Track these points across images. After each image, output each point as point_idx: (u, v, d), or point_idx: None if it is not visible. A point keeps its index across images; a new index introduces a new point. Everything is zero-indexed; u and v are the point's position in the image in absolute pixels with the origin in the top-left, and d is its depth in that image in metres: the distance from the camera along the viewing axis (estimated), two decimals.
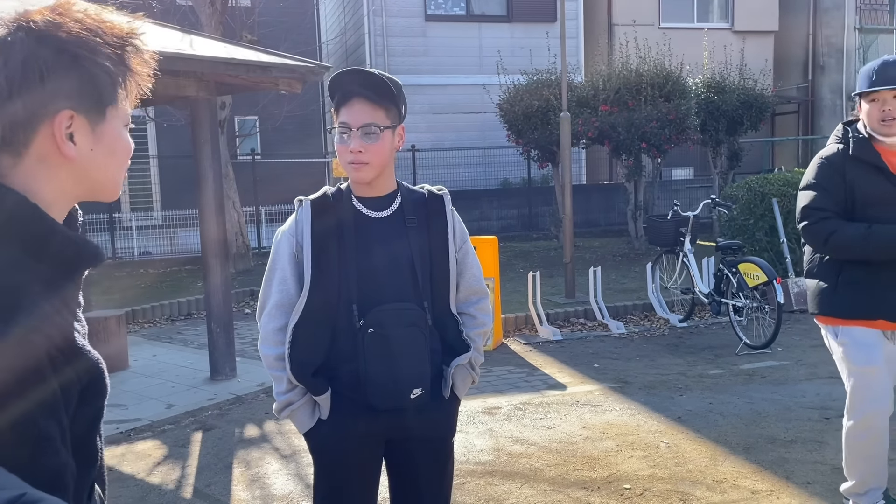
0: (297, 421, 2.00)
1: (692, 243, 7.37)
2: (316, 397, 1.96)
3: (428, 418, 2.00)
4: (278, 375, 1.97)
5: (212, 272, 5.67)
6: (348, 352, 1.92)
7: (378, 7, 15.00)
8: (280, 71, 5.35)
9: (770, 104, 13.66)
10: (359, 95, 1.91)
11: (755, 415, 4.67)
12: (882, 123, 2.71)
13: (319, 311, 1.92)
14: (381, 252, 1.96)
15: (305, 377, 1.94)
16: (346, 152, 1.93)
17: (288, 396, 1.97)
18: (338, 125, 1.93)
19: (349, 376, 1.93)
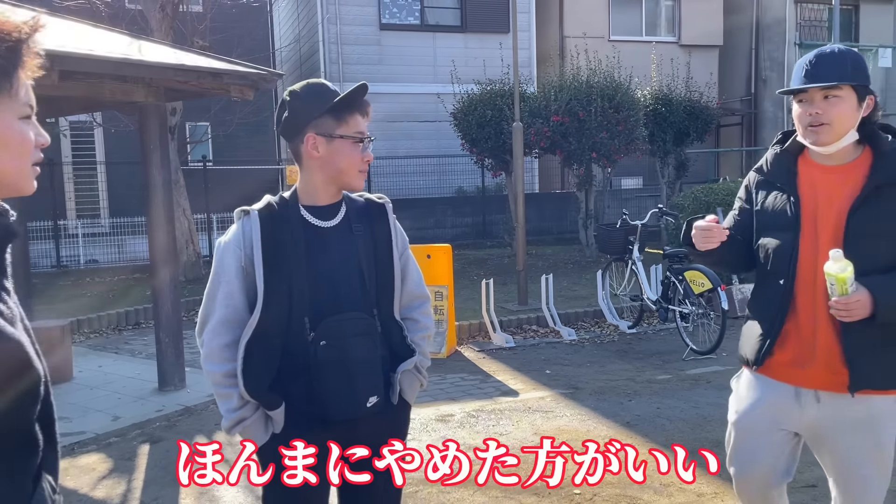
0: (249, 437, 1.96)
1: (640, 251, 7.54)
2: (270, 412, 1.93)
3: (380, 426, 2.01)
4: (227, 392, 1.92)
5: (160, 280, 5.57)
6: (300, 365, 1.91)
7: (333, 15, 14.97)
8: (232, 78, 5.31)
9: (715, 116, 14.09)
10: (365, 107, 1.98)
11: (701, 419, 4.79)
12: (810, 129, 2.10)
13: (271, 325, 1.89)
14: (331, 262, 1.96)
15: (260, 393, 1.91)
16: (361, 161, 1.96)
17: (240, 413, 1.92)
18: (355, 133, 1.95)
19: (302, 389, 1.91)
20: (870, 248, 2.06)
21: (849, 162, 2.15)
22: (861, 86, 2.09)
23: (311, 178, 1.99)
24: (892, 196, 2.08)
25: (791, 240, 2.15)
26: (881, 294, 2.02)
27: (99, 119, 12.18)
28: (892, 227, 2.07)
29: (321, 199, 1.99)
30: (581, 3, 16.73)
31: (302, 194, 2.00)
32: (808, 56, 2.13)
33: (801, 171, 2.21)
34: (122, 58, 4.66)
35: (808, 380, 2.17)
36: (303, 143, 1.95)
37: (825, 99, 2.08)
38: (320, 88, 1.97)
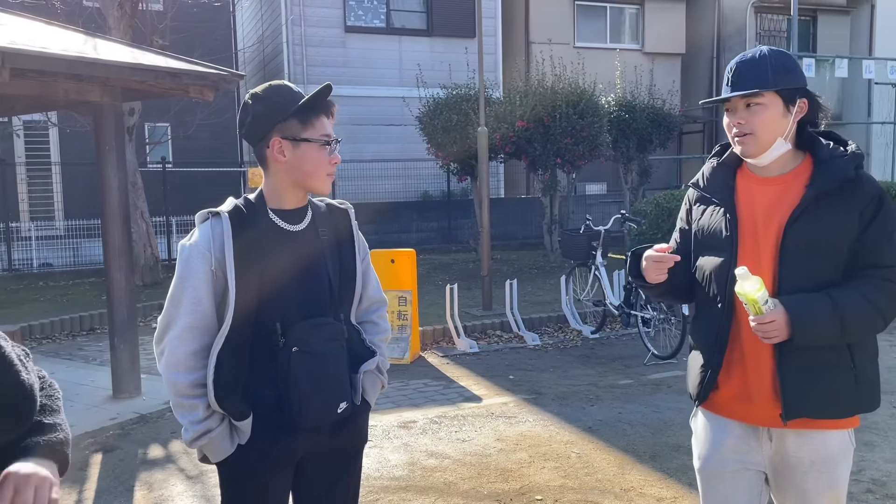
0: (213, 449, 1.88)
1: (604, 256, 7.58)
2: (237, 422, 1.86)
3: (344, 430, 1.98)
4: (192, 403, 1.84)
5: (115, 285, 5.43)
6: (269, 371, 1.86)
7: (297, 17, 14.84)
8: (191, 78, 5.20)
9: (677, 123, 14.30)
10: (330, 109, 1.94)
11: (661, 423, 4.82)
12: (736, 140, 1.95)
13: (243, 332, 1.83)
14: (300, 266, 1.92)
15: (232, 403, 1.84)
16: (328, 164, 1.92)
17: (206, 424, 1.85)
18: (321, 136, 1.90)
19: (270, 396, 1.86)
20: (808, 263, 1.88)
21: (788, 172, 1.96)
22: (788, 90, 1.90)
23: (278, 182, 1.94)
24: (832, 206, 1.88)
25: (728, 260, 1.94)
26: (797, 314, 1.82)
27: (54, 119, 11.87)
28: (832, 241, 1.87)
29: (288, 203, 1.95)
30: (546, 10, 16.85)
31: (268, 198, 1.95)
32: (731, 63, 1.97)
33: (739, 184, 2.02)
34: (76, 56, 4.53)
35: (756, 415, 1.96)
36: (268, 147, 1.89)
37: (747, 108, 1.92)
38: (284, 91, 1.92)
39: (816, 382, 1.89)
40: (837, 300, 1.84)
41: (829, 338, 1.85)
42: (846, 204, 1.87)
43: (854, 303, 1.84)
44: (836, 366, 1.90)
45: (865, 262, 1.88)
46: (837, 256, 1.88)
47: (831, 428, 1.95)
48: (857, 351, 1.93)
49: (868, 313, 1.85)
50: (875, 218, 1.87)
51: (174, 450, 4.53)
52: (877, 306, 1.86)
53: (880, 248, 1.87)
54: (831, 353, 1.90)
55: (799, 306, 1.83)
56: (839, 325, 1.83)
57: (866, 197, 1.88)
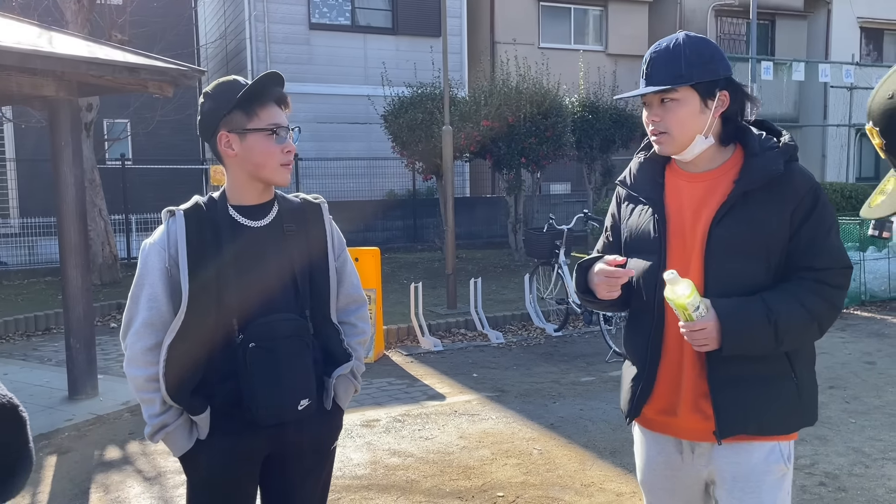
0: (172, 443, 1.90)
1: (567, 255, 7.65)
2: (194, 417, 1.86)
3: (311, 430, 1.97)
4: (150, 398, 1.86)
5: (71, 284, 5.31)
6: (227, 368, 1.85)
7: (260, 13, 14.68)
8: (149, 73, 5.11)
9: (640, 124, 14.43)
10: (278, 98, 1.90)
11: (622, 419, 4.84)
12: (653, 139, 1.82)
13: (197, 328, 1.83)
14: (261, 262, 1.91)
15: (184, 397, 1.84)
16: (279, 153, 1.89)
17: (162, 418, 1.86)
18: (267, 125, 1.87)
19: (229, 393, 1.86)
20: (735, 265, 1.72)
21: (717, 167, 1.80)
22: (705, 83, 1.73)
23: (235, 177, 1.93)
24: (761, 204, 1.72)
25: (657, 263, 1.78)
26: (728, 321, 1.67)
27: (9, 114, 11.56)
28: (760, 241, 1.71)
29: (249, 199, 1.93)
30: (511, 10, 16.94)
31: (230, 194, 1.94)
32: (648, 51, 1.80)
33: (668, 181, 1.86)
34: (30, 49, 4.42)
35: (680, 429, 1.83)
36: (218, 142, 1.89)
37: (662, 104, 1.76)
38: (230, 85, 1.90)
39: (754, 396, 1.73)
40: (771, 305, 1.69)
41: (762, 347, 1.70)
42: (777, 200, 1.72)
43: (789, 309, 1.69)
44: (776, 377, 1.76)
45: (800, 264, 1.73)
46: (768, 257, 1.73)
47: (757, 440, 1.77)
48: (798, 360, 1.78)
49: (803, 320, 1.70)
50: (809, 216, 1.72)
51: (131, 451, 4.45)
52: (812, 312, 1.70)
53: (815, 248, 1.72)
54: (770, 363, 1.75)
55: (730, 312, 1.68)
56: (773, 333, 1.68)
57: (798, 193, 1.72)
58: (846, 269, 1.76)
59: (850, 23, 20.11)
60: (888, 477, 3.86)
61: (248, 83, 1.90)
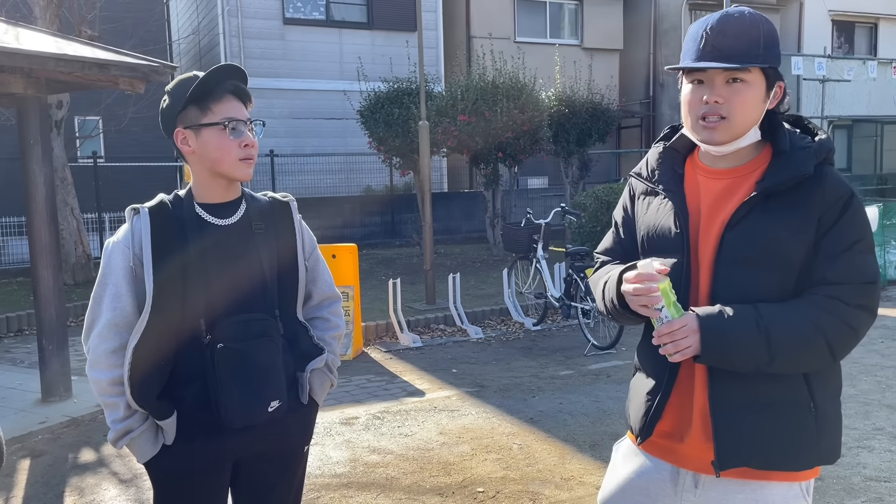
0: (137, 449, 1.84)
1: (545, 249, 7.67)
2: (160, 422, 1.81)
3: (283, 430, 1.93)
4: (113, 402, 1.80)
5: (43, 284, 5.22)
6: (195, 369, 1.80)
7: (234, 7, 14.51)
8: (120, 69, 5.02)
9: (616, 118, 14.55)
10: (235, 91, 1.85)
11: (601, 413, 4.91)
12: (702, 124, 1.55)
13: (163, 329, 1.78)
14: (229, 261, 1.86)
15: (149, 401, 1.79)
16: (236, 147, 1.83)
17: (126, 424, 1.81)
18: (221, 119, 1.81)
19: (197, 396, 1.81)
20: (748, 277, 1.52)
21: (744, 163, 1.59)
22: (773, 69, 1.54)
23: (197, 174, 1.89)
24: (784, 209, 1.51)
25: (681, 262, 1.59)
26: (707, 321, 1.48)
27: None
28: (780, 250, 1.50)
29: (214, 196, 1.89)
30: (487, 5, 16.92)
31: (195, 192, 1.90)
32: (709, 20, 1.53)
33: (687, 174, 1.67)
34: None
35: (685, 457, 1.63)
36: (175, 139, 1.85)
37: (728, 84, 1.52)
38: (187, 80, 1.85)
39: (763, 423, 1.53)
40: (765, 315, 1.48)
41: (750, 358, 1.48)
42: (803, 206, 1.50)
43: (787, 319, 1.47)
44: (791, 403, 1.53)
45: (814, 277, 1.51)
46: (787, 270, 1.51)
47: (774, 479, 1.56)
48: (818, 387, 1.55)
49: (805, 334, 1.47)
50: (835, 225, 1.49)
51: (106, 453, 4.39)
52: (819, 327, 1.47)
53: (835, 260, 1.49)
54: (783, 388, 1.53)
55: (712, 312, 1.50)
56: (764, 344, 1.46)
57: (828, 199, 1.50)
58: (867, 284, 1.50)
59: (822, 16, 20.35)
60: (863, 465, 3.92)
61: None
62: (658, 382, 1.65)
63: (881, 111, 18.95)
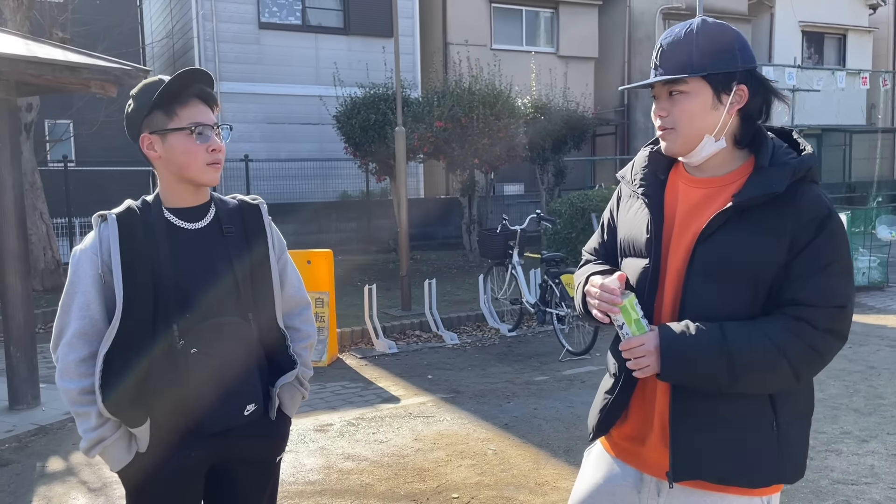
0: (110, 458, 1.82)
1: (520, 256, 7.70)
2: (133, 430, 1.79)
3: (257, 439, 1.92)
4: (84, 411, 1.78)
5: (11, 291, 5.12)
6: (168, 375, 1.79)
7: (208, 11, 14.40)
8: (91, 72, 4.96)
9: (591, 125, 14.67)
10: (202, 95, 1.84)
11: (575, 418, 4.94)
12: (660, 134, 1.62)
13: (134, 335, 1.76)
14: (200, 265, 1.85)
15: (122, 409, 1.77)
16: (203, 152, 1.82)
17: (99, 433, 1.78)
18: (188, 124, 1.80)
19: (170, 401, 1.80)
20: (716, 290, 1.52)
21: (723, 175, 1.59)
22: (718, 75, 1.53)
23: (164, 179, 1.88)
24: (758, 225, 1.50)
25: (649, 266, 1.61)
26: (668, 341, 1.49)
27: None
28: (751, 267, 1.50)
29: (182, 201, 1.88)
30: (464, 11, 16.99)
31: (163, 196, 1.88)
32: (660, 37, 1.61)
33: (670, 180, 1.68)
34: None
35: (647, 462, 1.63)
36: (141, 144, 1.84)
37: (670, 97, 1.57)
38: (152, 85, 1.84)
39: (722, 438, 1.52)
40: (728, 334, 1.47)
41: (711, 379, 1.48)
42: (776, 224, 1.49)
43: (751, 341, 1.47)
44: (752, 421, 1.53)
45: (784, 297, 1.49)
46: (755, 287, 1.50)
47: (732, 492, 1.55)
48: (783, 404, 1.54)
49: (769, 357, 1.46)
50: (809, 245, 1.48)
51: (76, 462, 4.32)
52: (782, 350, 1.46)
53: (806, 280, 1.48)
54: (745, 403, 1.52)
55: (676, 334, 1.49)
56: (725, 366, 1.46)
57: (803, 218, 1.48)
58: (837, 308, 1.48)
59: (793, 26, 20.74)
60: (831, 468, 3.98)
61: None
62: (616, 381, 1.68)
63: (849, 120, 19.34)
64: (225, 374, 1.81)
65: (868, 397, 5.20)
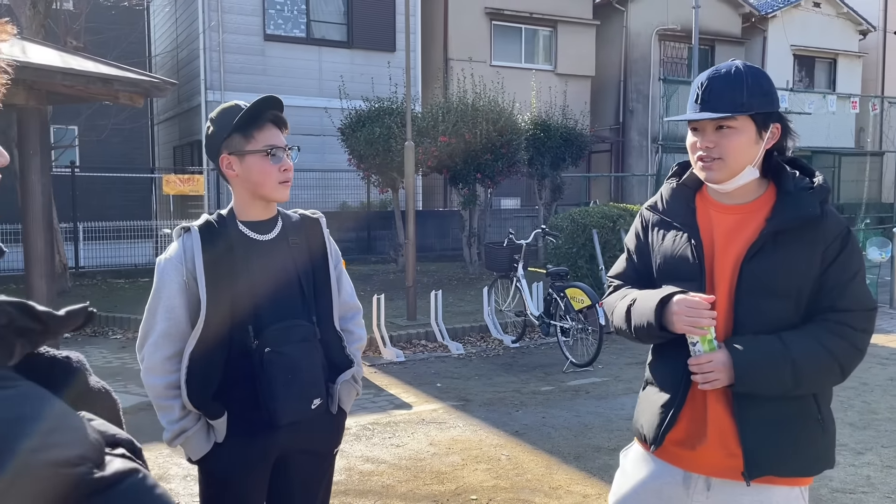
0: (191, 447, 2.00)
1: (525, 269, 7.91)
2: (212, 421, 1.98)
3: (319, 432, 2.10)
4: (168, 404, 1.97)
5: (37, 293, 5.27)
6: (244, 372, 1.97)
7: (215, 23, 14.61)
8: (122, 84, 5.15)
9: (589, 143, 14.95)
10: (275, 120, 2.04)
11: (582, 427, 5.13)
12: (701, 164, 1.76)
13: (215, 336, 1.95)
14: (271, 273, 2.04)
15: (205, 402, 1.95)
16: (276, 172, 2.01)
17: (181, 424, 1.97)
18: (263, 147, 2.00)
19: (245, 396, 1.97)
20: (765, 305, 1.72)
21: (751, 201, 1.79)
22: (762, 114, 1.73)
23: (239, 195, 2.08)
24: (790, 245, 1.72)
25: (697, 290, 1.77)
26: (741, 356, 1.68)
27: None
28: (791, 281, 1.71)
29: (254, 215, 2.07)
30: (464, 28, 17.28)
31: (237, 211, 2.08)
32: (702, 77, 1.76)
33: (698, 208, 1.85)
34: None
35: (699, 463, 1.80)
36: (221, 164, 2.04)
37: (718, 130, 1.73)
38: (231, 110, 2.04)
39: (783, 436, 1.72)
40: (789, 344, 1.68)
41: (779, 385, 1.70)
42: (808, 242, 1.72)
43: (808, 348, 1.68)
44: (804, 417, 1.75)
45: (824, 305, 1.73)
46: (798, 298, 1.73)
47: (778, 483, 1.75)
48: (822, 399, 1.78)
49: (823, 361, 1.69)
50: (837, 257, 1.72)
51: None
52: (833, 354, 1.69)
53: (839, 289, 1.72)
54: (798, 403, 1.74)
55: (744, 348, 1.69)
56: (790, 373, 1.67)
57: (830, 235, 1.72)
58: (869, 311, 1.75)
59: (784, 50, 21.19)
60: (829, 478, 4.18)
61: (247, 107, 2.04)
62: (673, 396, 1.82)
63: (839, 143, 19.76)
64: (294, 371, 1.99)
65: (862, 412, 5.42)
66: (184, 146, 16.99)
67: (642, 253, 1.96)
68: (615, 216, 9.39)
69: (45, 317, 0.66)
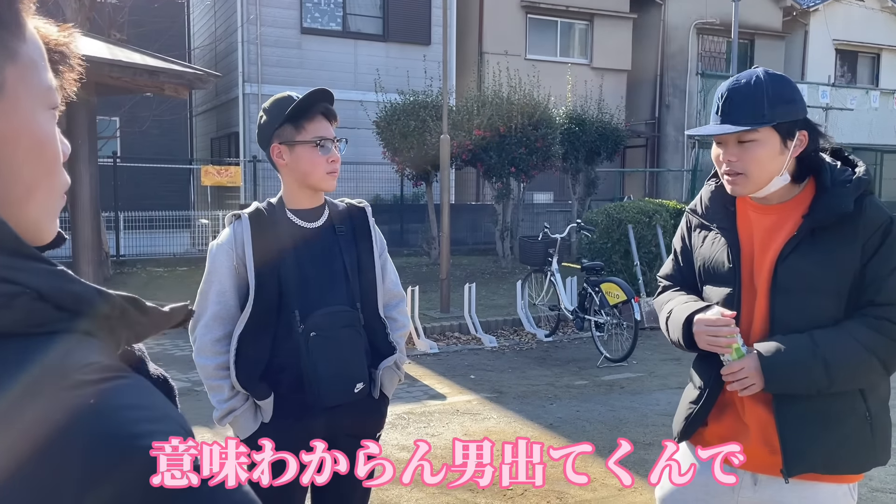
0: (239, 426, 2.07)
1: (559, 263, 7.90)
2: (259, 402, 2.04)
3: (361, 416, 2.15)
4: (218, 384, 2.03)
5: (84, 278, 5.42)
6: (290, 355, 2.03)
7: (254, 16, 14.79)
8: (168, 76, 5.27)
9: (624, 137, 14.83)
10: (325, 112, 2.08)
11: (617, 421, 5.12)
12: (727, 178, 1.76)
13: (263, 319, 2.01)
14: (316, 260, 2.10)
15: (252, 383, 2.02)
16: (324, 162, 2.06)
17: (230, 403, 2.04)
18: (313, 138, 2.05)
19: (291, 378, 2.04)
20: (803, 302, 1.70)
21: (788, 200, 1.77)
22: (786, 124, 1.68)
23: (287, 184, 2.13)
24: (830, 240, 1.68)
25: (731, 293, 1.79)
26: (768, 358, 1.67)
27: None
28: (831, 277, 1.68)
29: (302, 203, 2.13)
30: (500, 21, 17.23)
31: (286, 199, 2.14)
32: (722, 88, 1.73)
33: (739, 209, 1.84)
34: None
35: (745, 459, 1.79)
36: (271, 152, 2.09)
37: (740, 143, 1.69)
38: (283, 101, 2.09)
39: (825, 433, 1.70)
40: (819, 342, 1.66)
41: (813, 384, 1.68)
42: (847, 236, 1.68)
43: (840, 344, 1.66)
44: (849, 414, 1.72)
45: (861, 300, 1.70)
46: (838, 293, 1.70)
47: (825, 480, 1.74)
48: (871, 395, 1.74)
49: (859, 356, 1.66)
50: (878, 250, 1.67)
51: None
52: (870, 348, 1.65)
53: (880, 283, 1.67)
54: (841, 398, 1.72)
55: (772, 350, 1.68)
56: (822, 370, 1.65)
57: (870, 228, 1.67)
58: None
59: (826, 45, 20.75)
60: (869, 478, 4.10)
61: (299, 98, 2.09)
62: (700, 393, 1.87)
63: (882, 140, 19.31)
64: (338, 356, 2.05)
65: None
66: (221, 138, 17.24)
67: (686, 255, 1.98)
68: (651, 211, 9.31)
69: (153, 312, 0.69)
